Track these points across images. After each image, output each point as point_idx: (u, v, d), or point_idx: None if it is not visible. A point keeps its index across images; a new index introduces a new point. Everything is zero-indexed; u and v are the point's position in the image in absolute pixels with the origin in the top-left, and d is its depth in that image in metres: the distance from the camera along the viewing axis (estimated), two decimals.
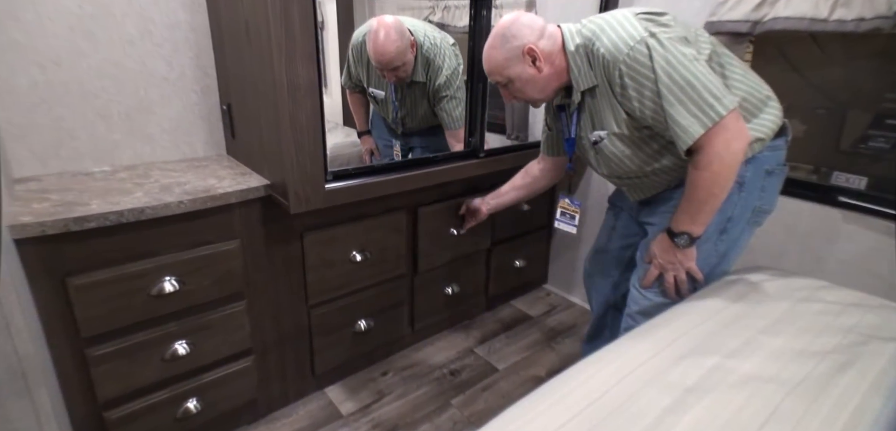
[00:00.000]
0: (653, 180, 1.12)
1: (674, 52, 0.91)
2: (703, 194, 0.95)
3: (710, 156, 0.91)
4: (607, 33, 0.98)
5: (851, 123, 1.66)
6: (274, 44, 1.07)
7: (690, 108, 0.90)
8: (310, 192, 1.22)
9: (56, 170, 1.23)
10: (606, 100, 1.03)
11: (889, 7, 1.10)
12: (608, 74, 0.98)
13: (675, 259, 1.05)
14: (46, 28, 1.14)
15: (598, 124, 1.08)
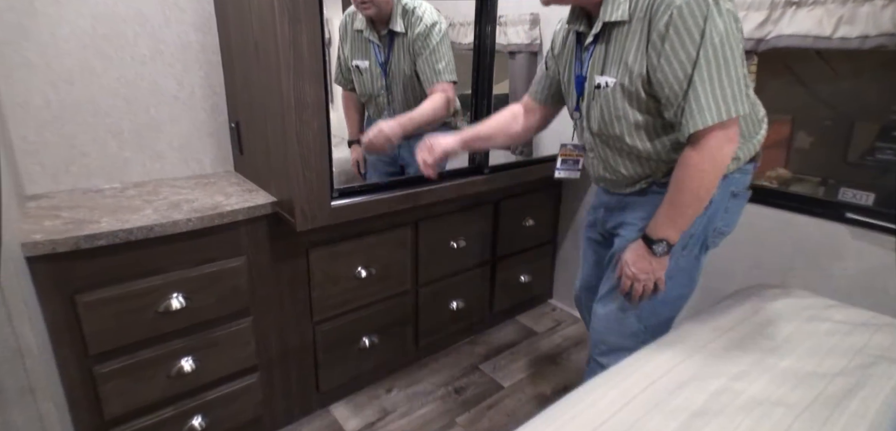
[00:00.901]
0: (626, 164, 1.03)
1: (730, 26, 0.83)
2: (688, 197, 0.91)
3: (704, 152, 0.86)
4: None
5: (859, 135, 1.66)
6: (282, 64, 1.09)
7: (716, 92, 0.83)
8: (316, 209, 1.23)
9: (67, 187, 1.25)
10: (634, 42, 0.90)
11: (893, 24, 1.10)
12: (654, 12, 0.86)
13: (650, 268, 0.98)
14: (60, 48, 1.17)
15: (608, 68, 0.97)
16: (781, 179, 1.80)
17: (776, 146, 1.87)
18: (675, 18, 0.83)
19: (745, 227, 1.50)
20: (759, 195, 1.49)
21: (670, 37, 0.84)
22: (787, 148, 1.86)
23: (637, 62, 0.90)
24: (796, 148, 1.85)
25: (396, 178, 1.56)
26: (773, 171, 1.81)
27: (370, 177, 1.78)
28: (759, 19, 1.31)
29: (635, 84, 0.91)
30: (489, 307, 1.96)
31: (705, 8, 0.82)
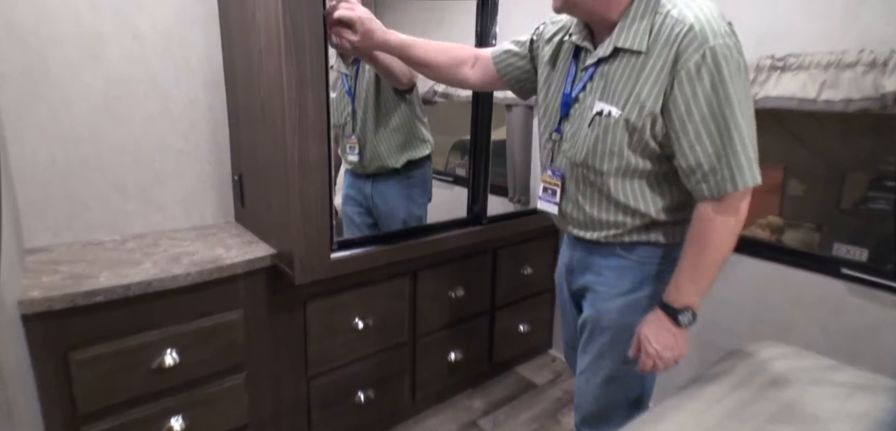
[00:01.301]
0: (597, 208, 0.94)
1: (749, 82, 0.81)
2: (716, 258, 0.83)
3: (737, 214, 0.81)
4: (698, 3, 0.80)
5: (850, 184, 1.69)
6: (288, 125, 1.12)
7: (753, 151, 0.79)
8: (315, 262, 1.24)
9: (68, 240, 1.26)
10: (651, 77, 0.81)
11: (875, 89, 1.15)
12: (681, 48, 0.78)
13: (675, 343, 0.87)
14: (72, 109, 1.21)
15: (614, 97, 0.86)
16: (773, 226, 1.82)
17: (769, 192, 1.91)
18: (710, 61, 0.76)
19: (744, 281, 1.51)
20: (756, 249, 1.51)
21: (703, 81, 0.77)
22: (780, 195, 1.89)
23: (651, 99, 0.81)
24: (790, 195, 1.88)
25: (395, 231, 1.58)
26: (764, 219, 1.83)
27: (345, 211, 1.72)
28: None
29: (643, 122, 0.83)
30: (488, 358, 1.93)
31: (738, 56, 0.78)
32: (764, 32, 1.35)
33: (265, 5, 1.13)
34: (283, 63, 1.09)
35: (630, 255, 0.94)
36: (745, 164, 0.79)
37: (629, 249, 0.94)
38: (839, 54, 1.18)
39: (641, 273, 0.94)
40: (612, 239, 0.95)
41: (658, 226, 0.92)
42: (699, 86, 0.77)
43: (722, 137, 0.78)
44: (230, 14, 1.34)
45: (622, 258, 0.95)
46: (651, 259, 0.94)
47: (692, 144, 0.81)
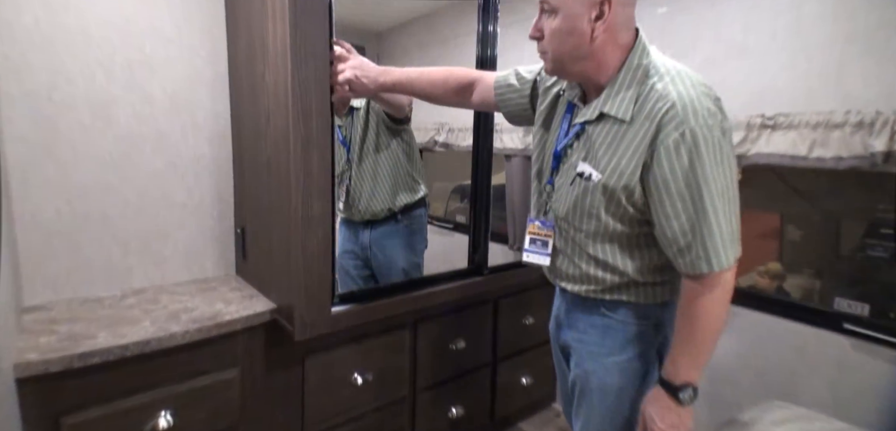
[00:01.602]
0: (581, 264, 0.96)
1: (733, 165, 0.81)
2: (708, 333, 0.83)
3: (721, 289, 0.81)
4: (683, 81, 0.81)
5: (847, 231, 1.71)
6: (293, 181, 1.14)
7: (732, 231, 0.80)
8: (315, 316, 1.23)
9: (67, 296, 1.24)
10: (631, 146, 0.83)
11: (865, 148, 1.19)
12: (661, 123, 0.79)
13: (680, 421, 0.86)
14: (79, 165, 1.22)
15: (593, 160, 0.88)
16: (773, 272, 1.82)
17: (767, 237, 1.92)
18: (689, 140, 0.77)
19: (748, 334, 1.50)
20: (757, 302, 1.51)
21: (681, 158, 0.78)
22: (778, 240, 1.90)
23: (630, 169, 0.83)
24: (788, 240, 1.90)
25: (396, 282, 1.57)
26: (764, 266, 1.83)
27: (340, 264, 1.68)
28: (738, 138, 1.40)
29: (622, 190, 0.84)
30: (490, 414, 1.88)
31: (720, 137, 0.78)
32: (752, 92, 1.41)
33: (274, 68, 1.17)
34: (291, 123, 1.12)
35: (613, 314, 0.94)
36: (721, 245, 0.79)
37: (612, 308, 0.94)
38: (827, 115, 1.23)
39: (624, 334, 0.94)
40: (593, 294, 0.95)
41: (638, 286, 0.92)
42: (677, 162, 0.78)
43: (697, 217, 0.79)
44: (240, 74, 1.39)
45: (606, 318, 0.95)
46: (632, 319, 0.94)
47: (668, 217, 0.82)
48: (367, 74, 1.18)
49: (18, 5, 1.11)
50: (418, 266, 1.71)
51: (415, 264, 1.69)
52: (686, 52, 1.61)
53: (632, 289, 0.92)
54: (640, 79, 0.84)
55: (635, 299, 0.93)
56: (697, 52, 1.57)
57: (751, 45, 1.43)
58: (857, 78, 1.21)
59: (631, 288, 0.92)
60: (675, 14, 1.64)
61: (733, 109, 1.45)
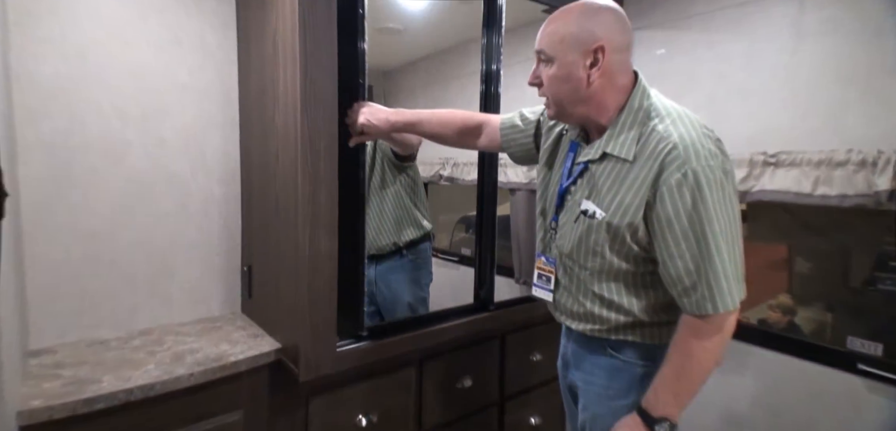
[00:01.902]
0: (585, 301, 0.96)
1: (736, 203, 0.81)
2: (699, 372, 0.82)
3: (721, 331, 0.81)
4: (684, 123, 0.82)
5: (856, 263, 1.69)
6: (300, 219, 1.16)
7: (735, 273, 0.79)
8: (321, 356, 1.22)
9: (73, 338, 1.24)
10: (635, 185, 0.83)
11: (869, 186, 1.19)
12: (664, 163, 0.80)
13: None
14: (90, 208, 1.24)
15: (597, 198, 0.89)
16: (784, 307, 1.79)
17: (775, 268, 1.90)
18: (691, 180, 0.77)
19: (761, 373, 1.48)
20: (769, 340, 1.48)
21: (684, 198, 0.78)
22: (787, 272, 1.88)
23: (633, 206, 0.83)
24: (797, 272, 1.87)
25: (401, 319, 1.56)
26: (775, 299, 1.81)
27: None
28: (741, 174, 1.41)
29: (625, 228, 0.85)
30: None
31: (722, 177, 0.78)
32: (754, 130, 1.43)
33: (284, 111, 1.20)
34: (299, 162, 1.14)
35: (619, 355, 0.94)
36: (725, 286, 0.79)
37: (617, 348, 0.94)
38: (829, 153, 1.24)
39: (631, 375, 0.93)
40: (598, 334, 0.95)
41: (643, 326, 0.92)
42: (680, 202, 0.79)
43: (701, 256, 0.79)
44: (251, 117, 1.42)
45: (612, 358, 0.94)
46: (638, 360, 0.93)
47: (673, 256, 0.81)
48: (377, 117, 1.23)
49: (40, 56, 1.15)
50: (424, 301, 1.70)
51: (421, 299, 1.68)
52: (687, 90, 1.64)
53: (637, 329, 0.92)
54: (642, 120, 0.86)
55: (641, 339, 0.92)
56: (698, 91, 1.60)
57: (751, 86, 1.46)
58: (859, 118, 1.23)
59: (636, 328, 0.92)
60: (673, 55, 1.68)
61: (736, 146, 1.47)
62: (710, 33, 1.56)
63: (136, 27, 1.27)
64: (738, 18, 1.49)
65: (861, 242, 1.65)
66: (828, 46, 1.31)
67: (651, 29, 1.76)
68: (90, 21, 1.21)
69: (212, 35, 1.41)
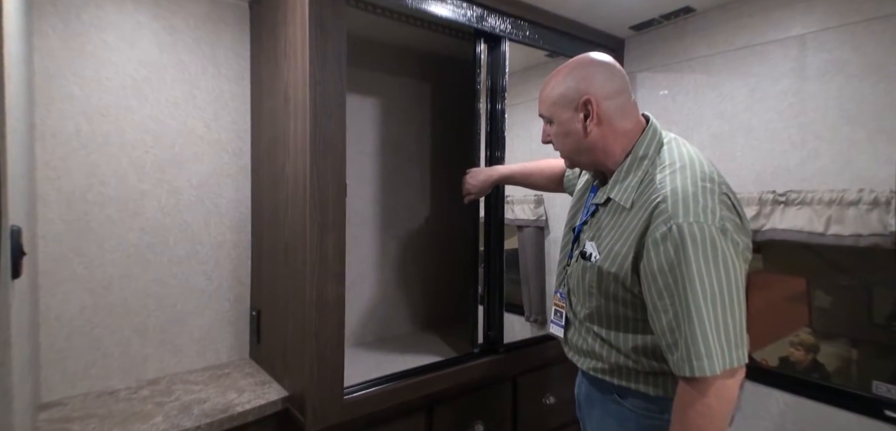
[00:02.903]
0: (589, 340, 0.97)
1: (737, 264, 0.76)
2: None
3: (708, 393, 0.75)
4: (685, 174, 0.81)
5: (879, 297, 1.63)
6: (308, 266, 1.17)
7: (720, 334, 0.74)
8: (328, 406, 1.20)
9: (83, 390, 1.25)
10: (627, 231, 0.84)
11: (884, 226, 1.17)
12: (653, 214, 0.80)
13: None
14: (105, 258, 1.27)
15: (598, 240, 0.90)
16: (807, 344, 1.73)
17: (796, 301, 1.84)
18: (675, 235, 0.75)
19: (784, 418, 1.42)
20: (790, 384, 1.43)
21: (667, 252, 0.76)
22: (808, 305, 1.82)
23: (622, 254, 0.84)
24: (817, 306, 1.81)
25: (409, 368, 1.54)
26: (796, 336, 1.75)
27: None
28: (752, 213, 1.40)
29: (615, 273, 0.85)
30: None
31: (714, 235, 0.74)
32: (761, 169, 1.42)
33: (294, 160, 1.23)
34: (307, 210, 1.16)
35: (624, 401, 0.93)
36: (704, 349, 0.73)
37: (623, 395, 0.93)
38: (840, 193, 1.23)
39: (638, 426, 0.92)
40: (602, 374, 0.95)
41: (647, 374, 0.90)
42: (664, 256, 0.77)
43: (679, 316, 0.76)
44: (262, 166, 1.46)
45: (620, 406, 0.94)
46: (644, 411, 0.91)
47: (658, 310, 0.80)
48: (477, 179, 1.48)
49: (63, 114, 1.20)
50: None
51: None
52: (693, 129, 1.65)
53: (640, 377, 0.90)
54: (647, 167, 0.87)
55: (645, 389, 0.90)
56: (703, 130, 1.61)
57: (756, 125, 1.46)
58: (869, 158, 1.22)
59: (639, 376, 0.90)
60: (675, 95, 1.70)
61: (743, 185, 1.47)
62: (712, 75, 1.58)
63: (154, 85, 1.33)
64: (738, 61, 1.51)
65: (882, 276, 1.60)
66: (833, 87, 1.31)
67: (653, 71, 1.78)
68: (112, 80, 1.27)
69: (227, 87, 1.46)
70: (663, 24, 1.72)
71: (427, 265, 2.06)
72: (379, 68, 1.87)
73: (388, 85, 1.89)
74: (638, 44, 1.83)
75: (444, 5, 1.42)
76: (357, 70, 1.74)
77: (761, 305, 1.66)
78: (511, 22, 1.58)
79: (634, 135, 0.90)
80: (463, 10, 1.46)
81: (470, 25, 1.49)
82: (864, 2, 1.26)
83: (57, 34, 1.19)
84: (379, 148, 1.87)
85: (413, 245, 2.01)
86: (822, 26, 1.34)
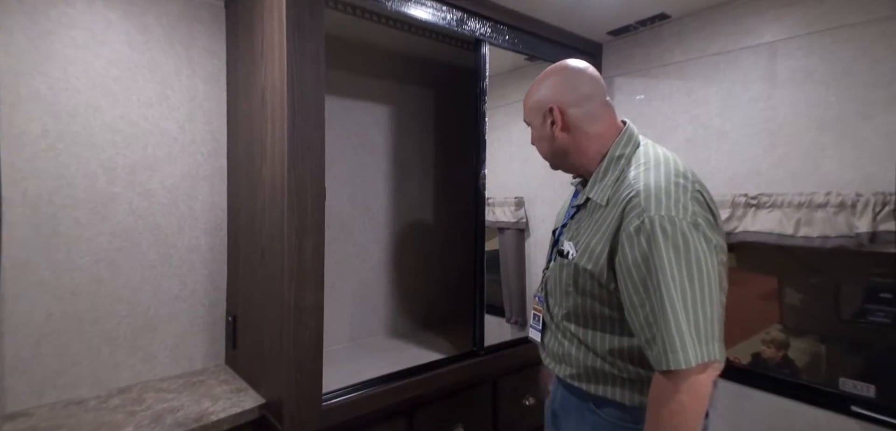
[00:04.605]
0: (564, 343, 0.97)
1: (711, 258, 0.77)
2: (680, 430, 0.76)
3: (680, 385, 0.75)
4: (658, 171, 0.83)
5: (845, 294, 1.69)
6: (286, 271, 1.15)
7: (691, 328, 0.74)
8: (306, 412, 1.18)
9: (51, 400, 1.20)
10: (602, 227, 0.86)
11: (850, 228, 1.21)
12: (626, 210, 0.81)
13: None
14: (74, 263, 1.23)
15: (575, 239, 0.92)
16: (778, 341, 1.78)
17: (768, 299, 1.90)
18: (647, 228, 0.77)
19: (756, 415, 1.45)
20: (761, 381, 1.47)
21: (640, 245, 0.77)
22: (778, 303, 1.88)
23: (598, 250, 0.86)
24: (788, 303, 1.87)
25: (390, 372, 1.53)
26: (767, 333, 1.80)
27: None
28: (725, 216, 1.43)
29: (591, 270, 0.87)
30: None
31: (685, 230, 0.75)
32: (733, 173, 1.45)
33: (272, 163, 1.22)
34: (285, 214, 1.15)
35: (600, 411, 0.92)
36: (678, 342, 0.73)
37: (599, 404, 0.92)
38: (809, 195, 1.27)
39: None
40: (578, 383, 0.94)
41: (624, 381, 0.89)
42: (637, 249, 0.79)
43: (654, 309, 0.76)
44: (239, 168, 1.43)
45: (596, 416, 0.93)
46: (620, 421, 0.90)
47: (635, 306, 0.80)
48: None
49: (29, 114, 1.16)
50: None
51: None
52: (668, 133, 1.68)
53: (617, 383, 0.90)
54: (621, 166, 0.89)
55: (621, 397, 0.89)
56: (679, 133, 1.65)
57: (728, 130, 1.50)
58: (835, 162, 1.26)
59: (616, 382, 0.90)
60: (651, 100, 1.73)
61: (717, 188, 1.50)
62: (686, 80, 1.62)
63: (125, 85, 1.30)
64: (711, 67, 1.55)
65: (849, 274, 1.66)
66: (801, 93, 1.35)
67: (630, 76, 1.82)
68: (80, 79, 1.23)
69: (202, 87, 1.43)
70: (640, 30, 1.75)
71: (412, 266, 2.06)
72: (378, 74, 1.86)
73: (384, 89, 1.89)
74: (616, 49, 1.86)
75: (424, 8, 1.42)
76: (336, 72, 1.73)
77: (734, 303, 1.71)
78: (491, 26, 1.59)
79: (609, 138, 0.93)
80: (443, 13, 1.46)
81: (451, 29, 1.50)
82: (831, 12, 1.31)
83: (23, 32, 1.15)
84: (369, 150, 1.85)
85: (394, 247, 2.01)
86: (791, 34, 1.38)
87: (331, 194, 1.42)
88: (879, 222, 1.17)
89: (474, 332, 1.67)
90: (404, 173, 2.00)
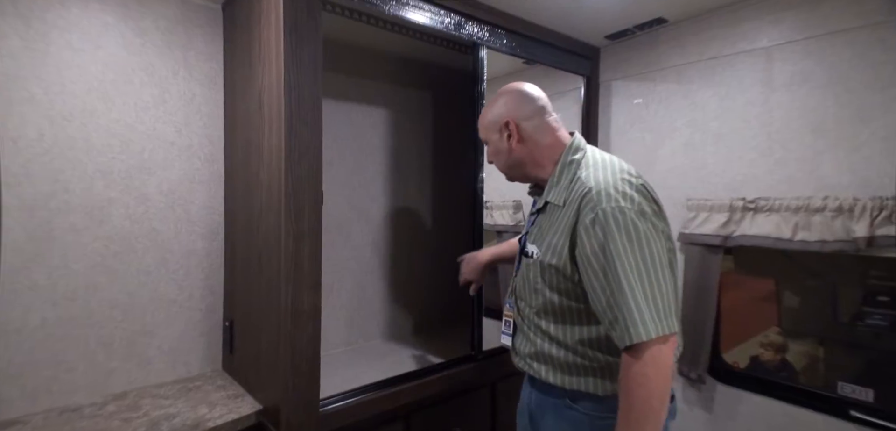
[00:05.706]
0: (537, 340, 1.02)
1: (659, 242, 0.86)
2: (639, 408, 0.82)
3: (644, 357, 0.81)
4: (605, 171, 0.93)
5: (843, 297, 1.70)
6: (283, 274, 1.14)
7: (649, 303, 0.82)
8: (303, 419, 1.18)
9: (45, 407, 1.19)
10: (561, 225, 0.95)
11: (848, 233, 1.21)
12: (582, 206, 0.91)
13: None
14: (69, 268, 1.22)
15: (538, 241, 1.01)
16: (776, 344, 1.78)
17: (766, 301, 1.90)
18: (601, 219, 0.86)
19: (754, 419, 1.45)
20: (758, 386, 1.47)
21: (597, 236, 0.86)
22: (776, 305, 1.88)
23: (559, 245, 0.94)
24: (786, 306, 1.87)
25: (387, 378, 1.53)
26: (765, 336, 1.80)
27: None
28: (722, 220, 1.43)
29: (555, 264, 0.95)
30: None
31: (634, 218, 0.85)
32: (731, 177, 1.46)
33: (269, 166, 1.21)
34: (282, 217, 1.14)
35: (577, 406, 0.97)
36: (639, 318, 0.81)
37: (575, 399, 0.97)
38: (806, 200, 1.27)
39: (591, 429, 0.96)
40: (553, 380, 0.99)
41: (596, 371, 0.95)
42: (594, 239, 0.88)
43: (612, 291, 0.85)
44: (236, 172, 1.43)
45: (573, 410, 0.98)
46: (597, 413, 0.95)
47: (596, 291, 0.89)
48: (470, 266, 1.43)
49: (24, 118, 1.16)
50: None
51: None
52: (665, 136, 1.69)
53: (590, 373, 0.95)
54: (573, 172, 0.99)
55: (594, 389, 0.96)
56: (676, 137, 1.65)
57: (726, 134, 1.50)
58: (832, 166, 1.26)
59: (589, 372, 0.96)
60: (649, 104, 1.73)
61: (714, 192, 1.51)
62: (684, 84, 1.62)
63: (122, 88, 1.29)
64: (709, 71, 1.55)
65: (847, 277, 1.67)
66: (798, 98, 1.36)
67: (627, 79, 1.82)
68: (76, 83, 1.22)
69: (199, 91, 1.43)
70: (637, 34, 1.75)
71: (410, 270, 2.05)
72: (377, 77, 1.86)
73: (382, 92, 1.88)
74: (613, 52, 1.87)
75: (422, 12, 1.42)
76: (333, 75, 1.73)
77: (732, 306, 1.71)
78: (489, 30, 1.59)
79: (559, 148, 1.03)
80: (440, 17, 1.46)
81: (449, 33, 1.49)
82: (828, 16, 1.31)
83: (18, 35, 1.14)
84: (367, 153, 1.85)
85: (392, 250, 2.00)
86: (787, 39, 1.39)
87: (328, 197, 1.42)
88: (877, 226, 1.17)
89: (472, 336, 1.66)
90: (402, 177, 2.00)
